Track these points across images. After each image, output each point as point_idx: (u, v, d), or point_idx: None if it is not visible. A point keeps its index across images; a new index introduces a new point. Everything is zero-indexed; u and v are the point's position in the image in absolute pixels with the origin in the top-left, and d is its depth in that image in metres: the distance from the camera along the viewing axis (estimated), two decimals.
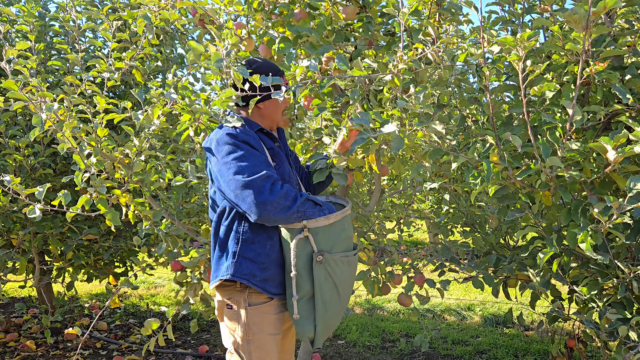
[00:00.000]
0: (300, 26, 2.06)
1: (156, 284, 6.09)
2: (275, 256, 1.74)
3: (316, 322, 1.72)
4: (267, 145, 1.80)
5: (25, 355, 3.58)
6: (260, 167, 1.62)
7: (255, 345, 1.73)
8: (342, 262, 1.75)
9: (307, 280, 1.70)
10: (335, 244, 1.74)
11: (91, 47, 3.47)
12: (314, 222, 1.68)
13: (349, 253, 1.79)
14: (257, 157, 1.66)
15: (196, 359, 3.53)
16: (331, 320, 1.77)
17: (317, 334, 1.73)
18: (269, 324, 1.75)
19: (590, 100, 1.92)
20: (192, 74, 3.04)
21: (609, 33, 1.77)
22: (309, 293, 1.72)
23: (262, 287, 1.71)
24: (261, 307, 1.73)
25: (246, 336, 1.73)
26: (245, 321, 1.72)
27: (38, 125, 1.90)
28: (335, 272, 1.73)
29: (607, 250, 1.76)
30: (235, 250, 1.72)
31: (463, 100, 2.10)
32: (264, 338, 1.74)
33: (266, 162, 1.68)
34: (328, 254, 1.71)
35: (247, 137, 1.69)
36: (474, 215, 2.57)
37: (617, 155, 1.46)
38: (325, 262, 1.70)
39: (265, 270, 1.72)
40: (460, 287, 5.49)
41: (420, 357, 3.52)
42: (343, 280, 1.76)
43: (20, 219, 3.22)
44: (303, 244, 1.69)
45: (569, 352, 2.47)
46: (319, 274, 1.70)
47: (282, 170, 1.81)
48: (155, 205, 2.42)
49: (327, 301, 1.72)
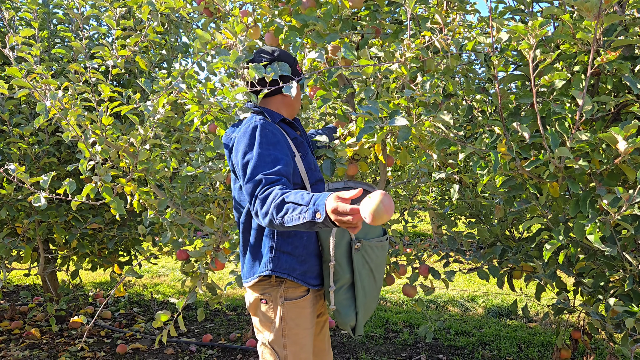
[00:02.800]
0: (307, 14, 2.03)
1: (160, 273, 6.11)
2: (313, 247, 1.75)
3: (357, 310, 1.75)
4: (291, 136, 1.76)
5: (30, 342, 3.60)
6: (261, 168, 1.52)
7: (291, 340, 1.72)
8: (377, 248, 1.79)
9: (346, 269, 1.73)
10: (370, 230, 1.78)
11: (95, 34, 3.45)
12: None
13: (382, 238, 1.83)
14: (264, 157, 1.56)
15: (200, 348, 3.55)
16: (370, 304, 1.81)
17: (359, 321, 1.77)
18: (304, 318, 1.74)
19: (600, 90, 1.89)
20: (197, 62, 3.02)
21: (621, 22, 1.74)
22: (349, 281, 1.75)
23: (302, 279, 1.71)
24: (297, 301, 1.72)
25: (282, 331, 1.72)
26: (282, 316, 1.71)
27: (42, 112, 1.89)
28: (371, 258, 1.77)
29: (615, 242, 1.75)
30: (272, 245, 1.69)
31: (470, 90, 2.08)
32: (300, 333, 1.73)
33: (275, 159, 1.56)
34: (365, 240, 1.74)
35: (265, 130, 1.62)
36: (479, 206, 2.56)
37: (628, 146, 1.45)
38: (362, 248, 1.74)
39: (304, 263, 1.72)
40: (464, 279, 5.50)
41: (424, 348, 3.53)
42: (378, 264, 1.80)
43: (25, 208, 3.22)
44: (341, 233, 1.72)
45: (573, 344, 2.47)
46: (358, 261, 1.73)
47: (307, 159, 1.79)
48: (160, 194, 2.42)
49: (365, 287, 1.76)
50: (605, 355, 3.19)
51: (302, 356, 1.74)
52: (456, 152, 2.20)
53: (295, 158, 1.71)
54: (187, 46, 3.52)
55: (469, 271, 2.40)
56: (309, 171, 1.76)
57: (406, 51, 1.79)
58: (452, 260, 2.49)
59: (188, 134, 2.87)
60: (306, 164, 1.76)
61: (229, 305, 4.62)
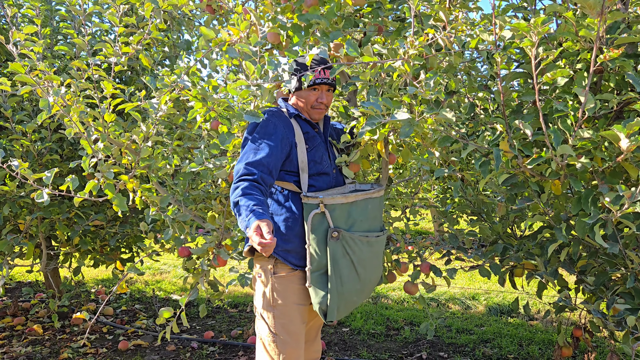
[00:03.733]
0: (311, 13, 2.03)
1: (162, 270, 6.12)
2: (298, 229, 1.82)
3: (330, 295, 1.78)
4: (303, 130, 1.89)
5: (33, 339, 3.61)
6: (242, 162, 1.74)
7: (279, 311, 1.81)
8: (361, 242, 1.82)
9: (322, 255, 1.78)
10: (356, 223, 1.82)
11: (98, 31, 3.45)
12: (330, 199, 1.77)
13: (369, 234, 1.85)
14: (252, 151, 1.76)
15: (202, 345, 3.55)
16: (349, 296, 1.82)
17: (330, 307, 1.79)
18: (293, 293, 1.83)
19: (602, 88, 1.89)
20: (200, 60, 3.02)
21: (624, 19, 1.74)
22: (324, 267, 1.79)
23: (284, 257, 1.80)
24: (286, 276, 1.82)
25: (271, 302, 1.82)
26: (271, 288, 1.81)
27: (45, 109, 1.90)
28: (353, 251, 1.80)
29: (617, 240, 1.75)
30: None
31: (472, 87, 2.08)
32: (288, 306, 1.82)
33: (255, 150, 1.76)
34: (346, 231, 1.78)
35: (266, 122, 1.81)
36: (481, 203, 2.56)
37: (630, 144, 1.44)
38: (342, 239, 1.78)
39: (287, 242, 1.80)
40: (465, 276, 5.50)
41: (425, 345, 3.53)
42: (363, 259, 1.83)
43: (28, 204, 3.23)
44: (320, 220, 1.77)
45: (575, 342, 2.47)
46: (335, 249, 1.77)
47: (313, 152, 1.90)
48: (162, 191, 2.42)
49: (343, 277, 1.79)
50: (606, 353, 3.19)
51: (290, 329, 1.82)
52: (458, 149, 2.20)
53: (297, 147, 1.84)
54: (189, 43, 3.52)
55: (471, 269, 2.40)
56: (311, 162, 1.87)
57: (409, 48, 1.78)
58: (453, 258, 2.49)
59: (190, 132, 2.87)
60: (310, 156, 1.88)
61: (231, 302, 4.63)
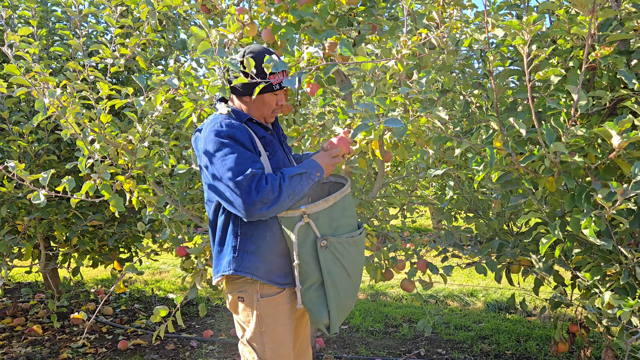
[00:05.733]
0: (304, 10, 2.04)
1: (161, 269, 6.13)
2: (278, 247, 1.71)
3: (329, 308, 1.70)
4: (259, 135, 1.75)
5: (32, 339, 3.62)
6: (245, 164, 1.58)
7: (269, 336, 1.72)
8: (348, 244, 1.73)
9: (314, 267, 1.68)
10: (339, 225, 1.72)
11: (94, 32, 3.46)
12: (313, 207, 1.66)
13: (354, 233, 1.76)
14: (242, 153, 1.61)
15: (201, 344, 3.57)
16: (345, 302, 1.76)
17: (332, 319, 1.72)
18: (282, 314, 1.74)
19: (595, 85, 1.90)
20: (196, 59, 3.02)
21: (616, 17, 1.75)
22: (319, 280, 1.70)
23: (267, 278, 1.70)
24: (274, 298, 1.72)
25: (259, 328, 1.72)
26: (258, 313, 1.71)
27: (41, 110, 1.90)
28: (343, 255, 1.71)
29: (611, 236, 1.76)
30: (235, 245, 1.70)
31: (467, 85, 2.08)
32: (278, 329, 1.73)
33: (252, 157, 1.63)
34: (332, 237, 1.68)
35: (232, 130, 1.64)
36: (477, 201, 2.57)
37: (622, 141, 1.45)
38: (330, 245, 1.68)
39: (268, 263, 1.70)
40: (463, 273, 5.51)
41: (423, 342, 3.55)
42: (351, 261, 1.74)
43: (26, 205, 3.24)
44: (305, 231, 1.66)
45: (571, 338, 2.48)
46: (326, 259, 1.68)
47: (276, 158, 1.77)
48: (159, 191, 2.43)
49: (338, 285, 1.71)
50: (603, 348, 3.21)
51: (280, 352, 1.73)
52: (453, 147, 2.21)
53: (261, 157, 1.71)
54: (185, 43, 3.52)
55: (467, 266, 2.42)
56: (275, 170, 1.74)
57: (403, 48, 1.79)
58: (450, 255, 2.50)
59: (187, 132, 2.88)
60: (274, 163, 1.75)
61: None
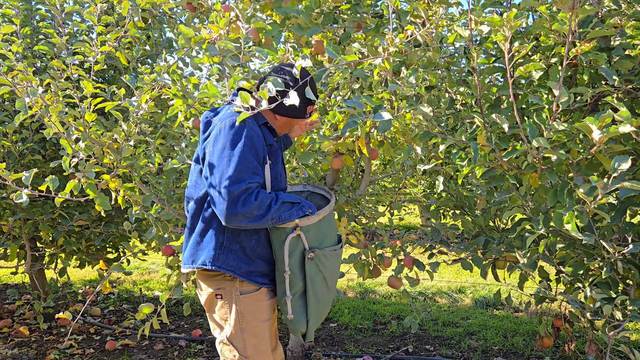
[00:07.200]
0: (289, 8, 2.04)
1: (150, 269, 6.10)
2: (261, 250, 1.74)
3: (309, 317, 1.75)
4: (267, 141, 1.75)
5: (19, 340, 3.59)
6: (246, 174, 1.58)
7: (250, 333, 1.72)
8: (331, 256, 1.78)
9: (299, 277, 1.72)
10: (324, 238, 1.77)
11: (79, 31, 3.43)
12: (306, 220, 1.69)
13: (336, 247, 1.82)
14: (248, 161, 1.60)
15: (190, 343, 3.56)
16: (322, 311, 1.80)
17: (310, 328, 1.76)
18: (262, 311, 1.75)
19: (577, 82, 1.92)
20: (181, 58, 3.01)
21: (596, 14, 1.77)
22: (301, 289, 1.74)
23: (248, 277, 1.71)
24: (254, 294, 1.73)
25: (240, 325, 1.72)
26: (239, 309, 1.71)
27: (22, 109, 1.89)
28: (325, 266, 1.76)
29: (593, 231, 1.78)
30: (222, 241, 1.69)
31: (452, 83, 2.10)
32: (258, 325, 1.74)
33: (255, 168, 1.62)
34: (318, 249, 1.73)
35: (251, 133, 1.63)
36: (463, 198, 2.59)
37: (602, 135, 1.47)
38: (316, 257, 1.72)
39: (250, 264, 1.71)
40: (452, 270, 5.54)
41: (412, 339, 3.56)
42: (332, 272, 1.80)
43: (10, 205, 3.20)
44: (295, 243, 1.70)
45: (556, 332, 2.51)
46: (310, 270, 1.72)
47: (275, 169, 1.78)
48: (145, 190, 2.42)
49: (318, 294, 1.75)
50: (587, 342, 3.24)
51: (262, 348, 1.74)
52: (438, 144, 2.23)
53: (265, 166, 1.71)
54: (171, 41, 3.51)
55: (453, 262, 2.43)
56: (273, 180, 1.75)
57: (389, 46, 1.80)
58: (436, 251, 2.52)
59: (173, 130, 2.86)
60: (273, 174, 1.76)
61: None
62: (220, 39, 2.16)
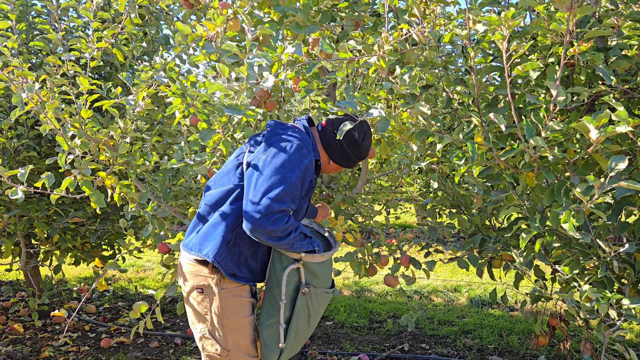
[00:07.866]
0: (287, 6, 2.03)
1: (145, 267, 6.08)
2: (252, 264, 1.79)
3: (283, 349, 1.77)
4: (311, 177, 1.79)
5: (14, 338, 3.57)
6: (289, 198, 1.63)
7: (230, 327, 1.74)
8: (321, 297, 1.83)
9: (288, 308, 1.77)
10: (320, 279, 1.82)
11: (75, 27, 3.41)
12: (310, 257, 1.74)
13: (329, 290, 1.87)
14: (296, 188, 1.66)
15: (185, 341, 3.55)
16: (296, 346, 1.83)
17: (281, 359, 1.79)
18: (243, 307, 1.77)
19: (574, 81, 1.92)
20: (179, 55, 2.99)
21: (594, 14, 1.77)
22: (287, 320, 1.78)
23: (233, 278, 1.75)
24: (234, 290, 1.76)
25: (220, 319, 1.73)
26: (219, 304, 1.73)
27: (18, 105, 1.87)
28: (313, 305, 1.81)
29: (589, 230, 1.78)
30: (229, 240, 1.73)
31: (449, 81, 2.10)
32: (239, 321, 1.76)
33: (297, 196, 1.68)
34: (313, 287, 1.79)
35: (310, 165, 1.72)
36: (459, 196, 2.59)
37: (599, 135, 1.47)
38: (308, 293, 1.78)
39: (239, 270, 1.76)
40: (447, 269, 5.56)
41: (407, 337, 3.57)
42: (316, 312, 1.84)
43: (5, 202, 3.19)
44: (293, 274, 1.75)
45: (551, 331, 2.51)
46: (300, 304, 1.77)
47: (302, 202, 1.80)
48: (141, 188, 2.41)
49: (298, 330, 1.79)
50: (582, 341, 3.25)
51: (243, 342, 1.77)
52: (436, 142, 2.23)
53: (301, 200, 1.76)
54: (167, 39, 3.49)
55: (450, 261, 2.44)
56: (296, 212, 1.79)
57: (384, 44, 1.80)
58: (432, 250, 2.52)
59: (170, 127, 2.85)
60: (299, 205, 1.79)
61: None
62: (217, 37, 2.15)
